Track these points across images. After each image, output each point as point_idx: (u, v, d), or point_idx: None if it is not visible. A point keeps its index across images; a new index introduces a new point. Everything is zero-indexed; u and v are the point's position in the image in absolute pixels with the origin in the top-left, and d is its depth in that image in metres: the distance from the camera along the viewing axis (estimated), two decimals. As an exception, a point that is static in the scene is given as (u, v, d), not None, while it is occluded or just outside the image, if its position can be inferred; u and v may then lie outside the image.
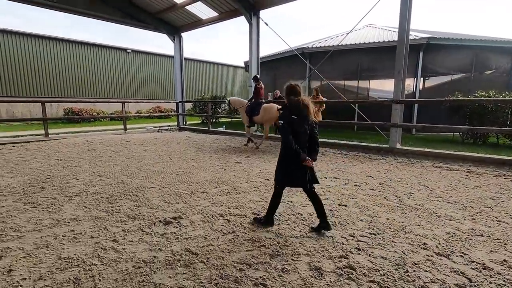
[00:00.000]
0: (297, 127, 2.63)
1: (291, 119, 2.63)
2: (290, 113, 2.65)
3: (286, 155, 2.69)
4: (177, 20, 12.46)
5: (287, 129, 2.63)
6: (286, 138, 2.61)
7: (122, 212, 3.20)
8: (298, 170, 2.65)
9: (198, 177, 4.82)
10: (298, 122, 2.63)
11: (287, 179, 2.74)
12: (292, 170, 2.67)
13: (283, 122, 2.66)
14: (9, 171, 5.15)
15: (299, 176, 2.66)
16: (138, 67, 22.49)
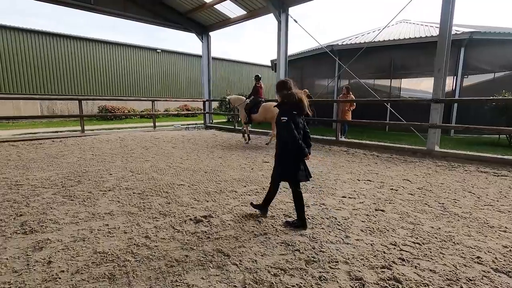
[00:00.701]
0: (297, 122, 2.69)
1: (292, 114, 2.66)
2: (291, 108, 2.67)
3: (287, 150, 2.71)
4: (205, 19, 12.59)
5: (291, 125, 2.63)
6: (292, 134, 2.62)
7: (153, 209, 3.22)
8: (300, 164, 2.72)
9: (226, 175, 4.78)
10: (297, 117, 2.69)
11: (288, 173, 2.76)
12: (293, 165, 2.71)
13: (286, 118, 2.65)
14: (49, 165, 5.43)
15: (301, 170, 2.72)
16: (167, 66, 23.13)
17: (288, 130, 2.63)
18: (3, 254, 2.21)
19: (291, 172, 2.73)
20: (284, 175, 2.81)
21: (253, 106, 8.08)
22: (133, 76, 21.29)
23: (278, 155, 2.83)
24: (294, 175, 2.73)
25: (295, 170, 2.72)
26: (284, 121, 2.65)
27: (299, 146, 2.64)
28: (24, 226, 2.73)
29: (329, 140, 8.70)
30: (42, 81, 17.51)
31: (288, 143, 2.67)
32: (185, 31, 12.89)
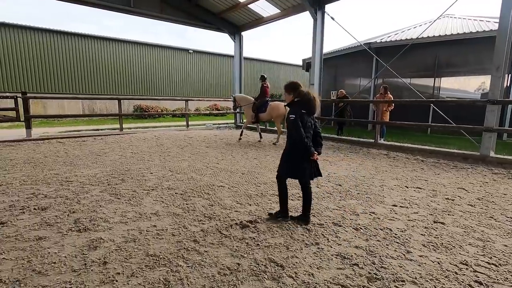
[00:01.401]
0: (306, 121, 2.75)
1: (302, 113, 2.74)
2: (300, 107, 2.76)
3: (296, 148, 2.78)
4: (238, 19, 12.61)
5: (299, 123, 2.69)
6: (298, 132, 2.68)
7: (197, 211, 3.18)
8: (306, 163, 2.77)
9: (264, 177, 4.68)
10: (306, 116, 2.76)
11: (294, 172, 2.83)
12: (300, 163, 2.77)
13: (294, 116, 2.72)
14: (94, 162, 5.66)
15: (306, 168, 2.78)
16: (198, 66, 23.59)
17: (295, 128, 2.69)
18: (61, 252, 2.27)
19: (298, 170, 2.80)
20: (291, 172, 2.87)
21: (261, 106, 8.38)
22: (166, 76, 21.96)
23: (286, 153, 2.91)
24: (299, 173, 2.81)
25: (301, 168, 2.79)
26: (292, 119, 2.72)
27: (305, 144, 2.69)
28: (78, 223, 2.80)
29: (366, 143, 8.31)
30: (83, 81, 18.60)
31: (295, 140, 2.74)
32: (218, 31, 13.00)
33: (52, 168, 5.08)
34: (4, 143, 7.71)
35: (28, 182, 4.21)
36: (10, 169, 4.96)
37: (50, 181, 4.28)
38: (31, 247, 2.33)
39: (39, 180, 4.33)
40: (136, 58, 20.54)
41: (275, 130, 9.60)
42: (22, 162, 5.51)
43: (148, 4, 10.67)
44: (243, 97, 9.05)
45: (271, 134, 10.94)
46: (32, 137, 8.56)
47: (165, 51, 21.80)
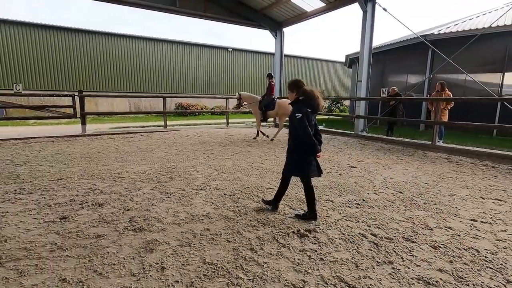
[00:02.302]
0: (310, 119, 2.78)
1: (307, 111, 2.75)
2: (305, 106, 2.77)
3: (300, 146, 2.80)
4: (279, 15, 12.33)
5: (306, 122, 2.70)
6: (305, 131, 2.69)
7: (249, 215, 3.02)
8: (310, 160, 2.82)
9: (313, 180, 4.37)
10: (310, 115, 2.79)
11: (301, 169, 2.85)
12: (305, 160, 2.81)
13: (301, 115, 2.71)
14: (142, 158, 5.81)
15: (309, 166, 2.81)
16: (237, 64, 23.74)
17: (303, 127, 2.70)
18: (120, 253, 2.23)
19: (303, 167, 2.83)
20: (296, 170, 2.90)
21: (269, 104, 8.43)
22: (205, 75, 22.42)
23: (290, 151, 2.94)
24: (306, 170, 2.83)
25: (307, 166, 2.82)
26: (298, 117, 2.71)
27: (312, 142, 2.73)
28: (133, 222, 2.78)
29: (422, 145, 7.57)
30: (130, 80, 19.68)
31: (301, 139, 2.75)
32: (259, 28, 12.84)
33: (105, 163, 5.29)
34: (63, 138, 8.32)
35: (85, 176, 4.40)
36: (69, 163, 5.26)
37: (104, 176, 4.43)
38: (91, 245, 2.33)
39: (94, 175, 4.50)
40: (177, 57, 21.23)
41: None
42: (79, 157, 5.84)
43: (192, 3, 10.84)
44: (249, 95, 8.96)
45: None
46: (86, 133, 9.15)
47: (205, 50, 22.25)
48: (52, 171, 4.67)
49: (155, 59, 20.41)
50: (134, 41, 19.59)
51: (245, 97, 8.90)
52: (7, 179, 4.17)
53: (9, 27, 16.04)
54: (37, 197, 3.45)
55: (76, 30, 17.77)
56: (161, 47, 20.57)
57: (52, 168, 4.89)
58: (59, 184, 4.00)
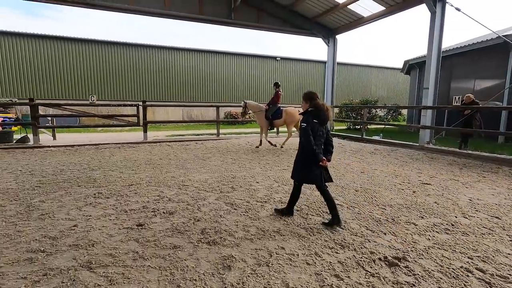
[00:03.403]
0: (316, 129, 2.92)
1: (313, 122, 2.91)
2: (312, 117, 2.94)
3: (305, 154, 2.96)
4: (333, 22, 12.00)
5: (309, 131, 2.88)
6: (307, 139, 2.86)
7: (323, 234, 2.79)
8: (316, 169, 2.92)
9: (384, 198, 3.99)
10: (317, 125, 2.93)
11: (305, 176, 3.01)
12: (310, 168, 2.94)
13: (305, 125, 2.90)
14: (201, 167, 5.93)
15: (317, 174, 2.92)
16: (285, 73, 23.72)
17: (306, 135, 2.88)
18: (198, 267, 2.18)
19: (310, 174, 2.97)
20: (303, 177, 3.06)
21: (276, 112, 8.41)
22: (254, 84, 22.79)
23: (297, 159, 3.12)
24: (310, 177, 2.99)
25: (311, 172, 2.96)
26: (303, 126, 2.91)
27: (313, 150, 2.87)
28: (205, 234, 2.75)
29: (506, 160, 6.57)
30: (183, 90, 20.82)
31: (304, 146, 2.93)
32: (311, 36, 12.64)
33: (168, 171, 5.50)
34: (128, 145, 8.98)
35: (152, 183, 4.59)
36: (136, 169, 5.58)
37: (169, 183, 4.57)
38: (170, 257, 2.32)
39: (160, 182, 4.67)
40: (227, 67, 21.94)
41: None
42: (143, 163, 6.18)
43: (246, 15, 11.10)
44: (255, 104, 8.83)
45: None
46: (147, 140, 9.77)
47: (253, 60, 22.67)
48: (123, 177, 4.97)
49: (206, 69, 21.35)
50: (186, 53, 20.76)
51: (251, 105, 8.77)
52: (86, 183, 4.53)
53: (87, 45, 18.17)
54: (113, 202, 3.65)
55: (138, 45, 19.44)
56: (212, 58, 21.47)
57: (122, 173, 5.22)
58: (131, 189, 4.21)
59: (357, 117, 16.20)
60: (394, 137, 11.24)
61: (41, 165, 5.84)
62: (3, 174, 5.06)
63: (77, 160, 6.42)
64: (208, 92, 21.60)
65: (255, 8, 11.31)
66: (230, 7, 10.88)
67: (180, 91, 20.82)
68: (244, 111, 8.85)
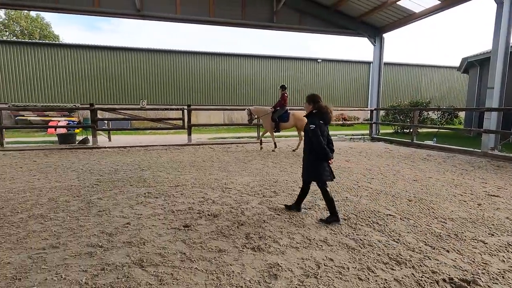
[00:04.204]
0: (323, 130, 3.14)
1: (320, 124, 3.11)
2: (319, 118, 3.14)
3: (314, 154, 3.12)
4: (380, 20, 11.37)
5: (319, 132, 3.06)
6: (318, 139, 3.04)
7: (375, 247, 2.59)
8: (324, 166, 3.14)
9: (443, 210, 3.60)
10: (323, 126, 3.15)
11: (318, 175, 3.13)
12: (323, 167, 3.13)
13: (314, 126, 3.06)
14: (243, 169, 5.97)
15: (324, 171, 3.13)
16: (327, 75, 23.11)
17: (316, 136, 3.04)
18: (244, 274, 2.14)
19: (318, 173, 3.12)
20: (313, 176, 3.20)
21: (283, 115, 8.33)
22: (294, 87, 22.56)
23: (306, 159, 3.25)
24: (320, 176, 3.12)
25: (321, 171, 3.10)
26: (312, 128, 3.07)
27: (324, 150, 3.04)
28: (249, 239, 2.72)
29: None
30: (224, 94, 21.38)
31: (315, 147, 3.07)
32: (356, 36, 12.12)
33: (211, 173, 5.62)
34: (174, 147, 9.43)
35: (197, 185, 4.71)
36: (181, 171, 5.80)
37: (213, 186, 4.66)
38: (216, 260, 2.33)
39: (204, 184, 4.78)
40: (266, 71, 22.03)
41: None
42: (188, 165, 6.40)
43: (288, 18, 11.04)
44: (260, 108, 8.90)
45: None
46: (191, 143, 10.17)
47: (293, 63, 22.46)
48: (170, 178, 5.19)
49: (246, 73, 21.68)
50: (227, 58, 21.28)
51: (257, 111, 8.79)
52: (137, 183, 4.81)
53: (138, 54, 19.63)
54: (161, 202, 3.81)
55: (182, 52, 20.45)
56: (252, 62, 21.74)
57: (169, 174, 5.46)
58: (177, 190, 4.37)
59: (406, 120, 15.10)
60: (449, 142, 10.25)
61: (99, 165, 6.37)
62: (67, 172, 5.62)
63: (129, 161, 6.88)
64: (248, 95, 21.90)
65: (297, 10, 11.19)
66: (271, 10, 10.91)
67: (221, 95, 21.41)
68: (250, 117, 8.89)
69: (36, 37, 28.21)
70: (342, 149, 9.03)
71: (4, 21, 27.79)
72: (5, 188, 4.48)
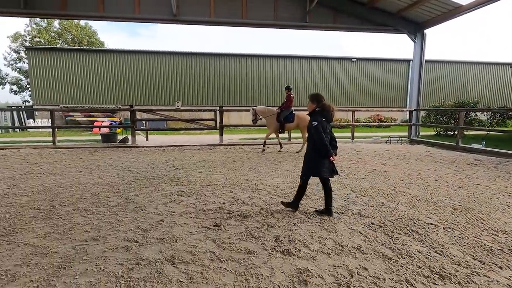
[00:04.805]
0: (325, 127, 3.27)
1: (322, 121, 3.26)
2: (321, 116, 3.29)
3: (316, 150, 3.27)
4: (421, 15, 10.66)
5: (321, 129, 3.20)
6: (320, 135, 3.18)
7: (415, 258, 2.40)
8: (326, 162, 3.26)
9: (495, 221, 3.25)
10: (325, 124, 3.29)
11: (314, 169, 3.32)
12: (320, 162, 3.26)
13: (316, 123, 3.23)
14: (273, 171, 5.92)
15: (326, 167, 3.26)
16: (362, 74, 22.26)
17: (318, 133, 3.19)
18: (273, 277, 2.11)
19: (318, 168, 3.26)
20: (312, 171, 3.33)
21: (288, 116, 8.41)
22: (327, 87, 22.04)
23: (307, 154, 3.40)
24: (320, 171, 3.26)
25: (321, 167, 3.25)
26: (314, 125, 3.23)
27: (326, 147, 3.18)
28: (278, 242, 2.67)
29: None
30: (255, 95, 21.49)
31: (317, 143, 3.21)
32: (395, 32, 11.49)
33: (242, 173, 5.65)
34: (206, 147, 9.66)
35: (227, 185, 4.76)
36: (213, 170, 5.91)
37: (243, 186, 4.68)
38: (245, 262, 2.32)
39: (235, 184, 4.82)
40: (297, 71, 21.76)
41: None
42: (219, 165, 6.51)
43: (322, 17, 10.79)
44: (265, 109, 8.84)
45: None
46: (223, 143, 10.34)
47: (325, 62, 21.94)
48: (202, 177, 5.31)
49: (278, 74, 21.61)
50: (258, 59, 21.37)
51: (262, 111, 8.71)
52: (171, 181, 4.99)
53: (172, 57, 20.48)
54: (193, 201, 3.90)
55: (213, 55, 20.93)
56: (283, 63, 21.61)
57: (201, 174, 5.59)
58: (208, 190, 4.45)
59: (450, 121, 14.00)
60: (501, 146, 9.30)
61: (137, 163, 6.72)
62: (109, 169, 5.99)
63: (164, 160, 7.17)
64: (280, 96, 21.80)
65: (331, 8, 10.89)
66: (304, 10, 10.73)
67: (253, 95, 21.56)
68: (254, 118, 8.77)
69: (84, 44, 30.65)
70: (378, 152, 8.60)
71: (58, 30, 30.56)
72: (56, 182, 4.90)
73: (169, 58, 20.52)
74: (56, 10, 9.72)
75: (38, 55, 19.33)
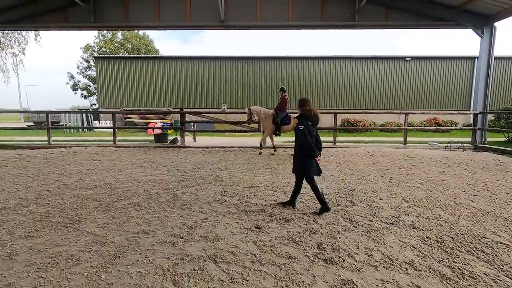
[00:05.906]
0: (311, 130, 3.54)
1: (308, 124, 3.55)
2: (307, 120, 3.58)
3: (302, 150, 3.54)
4: (490, 6, 9.47)
5: (307, 132, 3.48)
6: (306, 138, 3.45)
7: (480, 281, 2.12)
8: (311, 162, 3.53)
9: None
10: (311, 127, 3.56)
11: (306, 170, 3.54)
12: (310, 163, 3.52)
13: (303, 126, 3.52)
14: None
15: (312, 167, 3.53)
16: (418, 74, 20.57)
17: (304, 135, 3.47)
18: (314, 286, 2.03)
19: (305, 168, 3.53)
20: (299, 170, 3.64)
21: (285, 118, 8.32)
22: (376, 88, 20.83)
23: (296, 156, 3.68)
24: (308, 171, 3.53)
25: (309, 168, 3.51)
26: (301, 128, 3.52)
27: (311, 147, 3.46)
28: (321, 249, 2.58)
29: None
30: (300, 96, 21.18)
31: (303, 145, 3.48)
32: (457, 27, 10.40)
33: (284, 176, 5.60)
34: (250, 149, 9.81)
35: (270, 187, 4.76)
36: (255, 172, 5.96)
37: (285, 189, 4.63)
38: (286, 267, 2.28)
39: (277, 187, 4.79)
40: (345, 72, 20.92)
41: None
42: (262, 167, 6.54)
43: (372, 15, 10.24)
44: (262, 109, 8.66)
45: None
46: (266, 145, 10.39)
47: (375, 63, 20.74)
48: (245, 178, 5.39)
49: (325, 76, 21.04)
50: (304, 61, 21.03)
51: (258, 112, 8.57)
52: (215, 181, 5.15)
53: (219, 62, 21.28)
54: (236, 201, 3.97)
55: (257, 58, 21.18)
56: (330, 65, 20.97)
57: (244, 175, 5.68)
58: (251, 191, 4.49)
59: (525, 126, 12.18)
60: None
61: (184, 163, 7.09)
62: (159, 168, 6.42)
63: (209, 160, 7.45)
64: (327, 98, 21.20)
65: (383, 5, 10.25)
66: (353, 8, 10.29)
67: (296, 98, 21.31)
68: (249, 117, 8.65)
69: (142, 52, 33.47)
70: (435, 159, 7.84)
71: (121, 40, 33.86)
72: (115, 178, 5.40)
73: (215, 63, 21.32)
74: (121, 22, 10.77)
75: (104, 63, 21.63)
